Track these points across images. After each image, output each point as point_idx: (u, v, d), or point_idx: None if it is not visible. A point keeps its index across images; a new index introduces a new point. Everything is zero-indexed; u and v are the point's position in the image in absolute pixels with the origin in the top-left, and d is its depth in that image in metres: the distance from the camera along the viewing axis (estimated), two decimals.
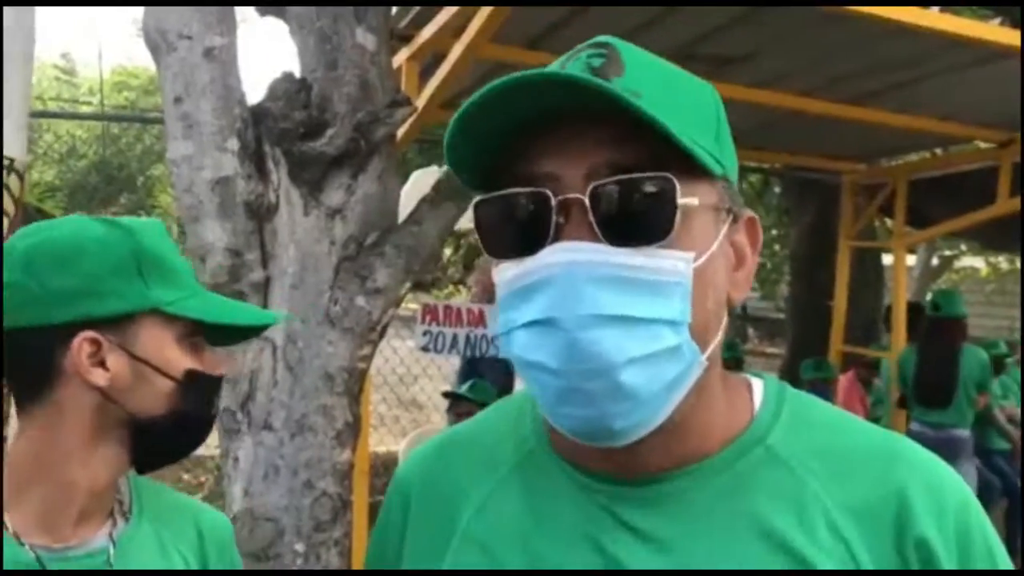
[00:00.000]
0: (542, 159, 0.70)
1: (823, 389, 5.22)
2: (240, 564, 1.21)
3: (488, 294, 5.76)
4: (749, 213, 0.77)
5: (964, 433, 4.83)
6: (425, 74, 3.01)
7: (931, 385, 4.86)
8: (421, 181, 4.67)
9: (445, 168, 2.26)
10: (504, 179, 0.72)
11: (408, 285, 2.12)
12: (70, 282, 0.97)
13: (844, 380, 5.75)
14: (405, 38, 2.96)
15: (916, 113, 3.71)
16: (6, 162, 2.19)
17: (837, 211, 5.59)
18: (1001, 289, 11.12)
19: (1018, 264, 10.83)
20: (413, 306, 5.17)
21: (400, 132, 2.25)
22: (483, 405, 4.22)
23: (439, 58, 2.84)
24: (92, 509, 1.02)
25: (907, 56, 2.99)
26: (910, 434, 4.70)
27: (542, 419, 0.81)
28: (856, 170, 5.36)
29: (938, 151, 5.41)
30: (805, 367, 5.51)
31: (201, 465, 5.68)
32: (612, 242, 0.67)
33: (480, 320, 4.53)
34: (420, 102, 2.72)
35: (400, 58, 2.95)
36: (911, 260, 10.02)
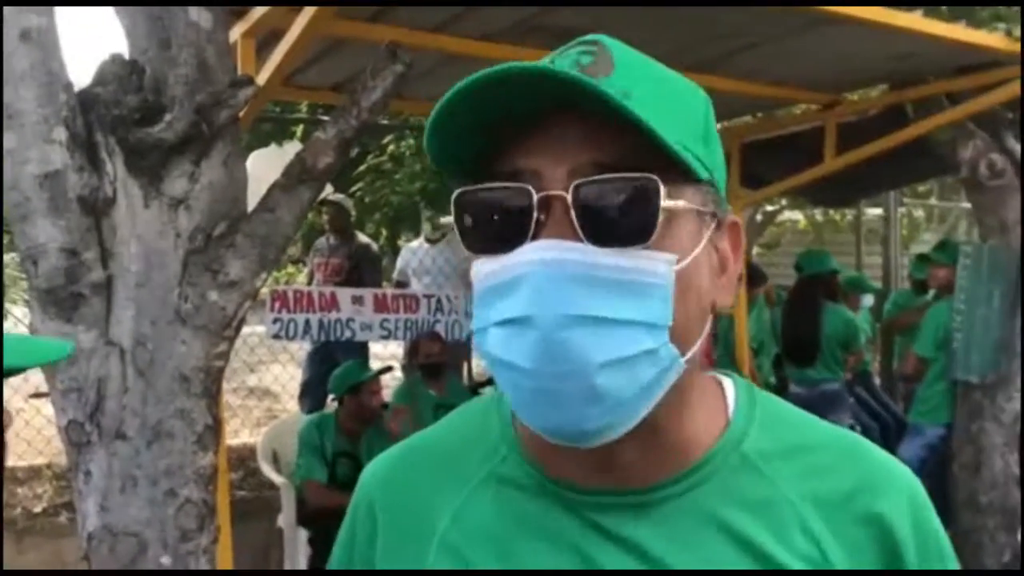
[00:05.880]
0: (525, 155, 0.68)
1: None
2: None
3: (337, 277, 5.63)
4: (733, 218, 0.76)
5: (834, 386, 5.11)
6: (261, 50, 2.87)
7: (795, 342, 5.12)
8: (261, 162, 4.50)
9: (297, 150, 2.16)
10: (485, 172, 0.69)
11: (264, 276, 2.02)
12: None
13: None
14: (238, 14, 2.80)
15: (748, 79, 3.86)
16: None
17: None
18: (819, 239, 11.83)
19: (833, 215, 11.59)
20: (263, 290, 4.97)
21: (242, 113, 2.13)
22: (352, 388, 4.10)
23: (276, 33, 2.71)
24: None
25: (739, 23, 3.09)
26: (790, 396, 4.95)
27: (511, 426, 0.80)
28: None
29: (760, 115, 5.66)
30: None
31: (37, 476, 5.30)
32: (593, 241, 0.66)
33: (333, 304, 4.43)
34: (260, 80, 2.59)
35: (235, 34, 2.79)
36: None
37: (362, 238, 6.25)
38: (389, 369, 4.52)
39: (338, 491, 3.82)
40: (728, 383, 0.82)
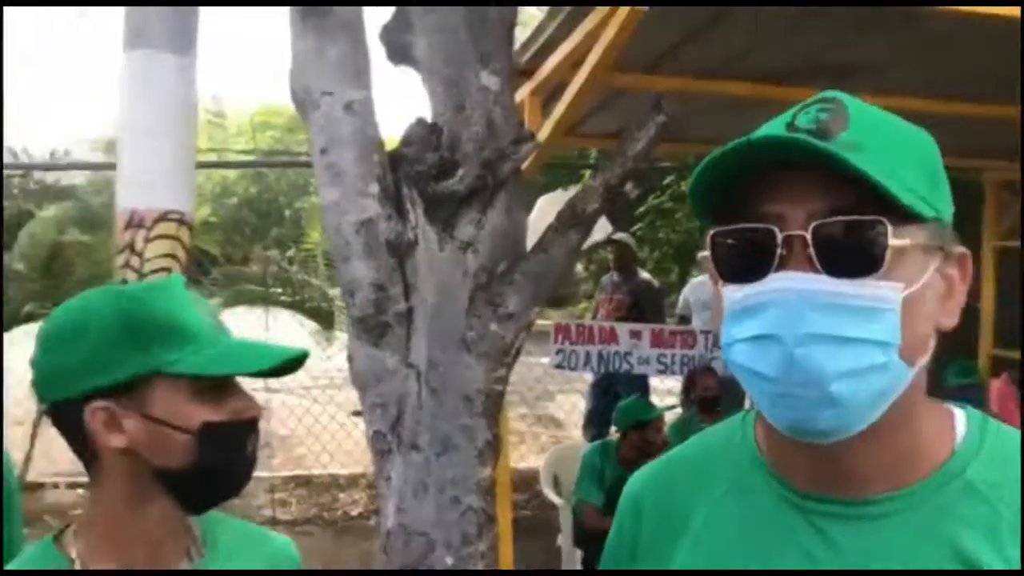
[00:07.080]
0: (771, 201, 0.82)
1: (972, 394, 5.00)
2: None
3: (619, 312, 5.83)
4: (962, 250, 0.86)
5: None
6: (547, 104, 3.14)
7: None
8: (548, 206, 4.82)
9: (569, 195, 2.37)
10: (734, 215, 0.83)
11: (537, 310, 2.24)
12: (76, 358, 1.06)
13: (998, 385, 5.50)
14: (527, 73, 3.10)
15: None
16: (176, 216, 2.46)
17: (978, 210, 5.40)
18: None
19: None
20: (546, 322, 5.30)
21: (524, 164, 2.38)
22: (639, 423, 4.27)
23: (560, 88, 2.96)
24: (162, 555, 1.13)
25: None
26: None
27: (754, 446, 0.95)
28: (998, 167, 5.17)
29: None
30: (949, 372, 5.29)
31: (355, 483, 5.98)
32: (828, 273, 0.78)
33: (612, 337, 4.63)
34: (544, 131, 2.85)
35: (523, 92, 3.09)
36: None
37: (643, 275, 6.42)
38: (673, 407, 4.64)
39: (611, 517, 3.99)
40: (960, 414, 0.90)
